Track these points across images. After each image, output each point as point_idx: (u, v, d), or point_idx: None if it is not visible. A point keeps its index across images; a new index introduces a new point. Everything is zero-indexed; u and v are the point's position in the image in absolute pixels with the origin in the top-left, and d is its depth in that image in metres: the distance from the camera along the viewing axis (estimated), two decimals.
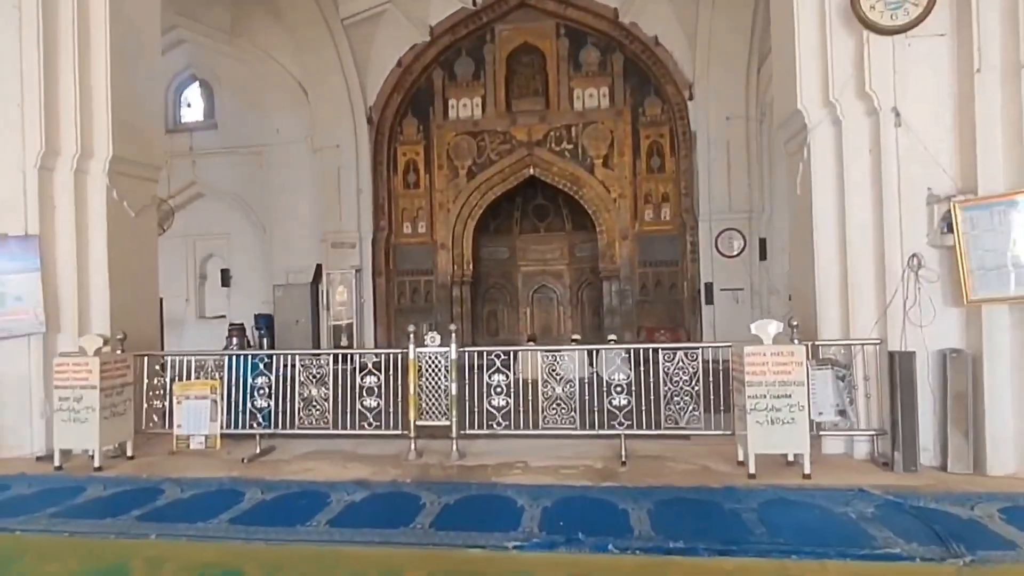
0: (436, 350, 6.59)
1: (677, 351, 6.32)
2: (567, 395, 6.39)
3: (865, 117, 6.06)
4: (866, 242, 6.06)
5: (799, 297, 7.06)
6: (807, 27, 6.27)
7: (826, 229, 6.30)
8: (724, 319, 13.38)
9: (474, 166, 14.65)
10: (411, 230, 14.93)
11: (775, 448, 5.64)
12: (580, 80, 14.38)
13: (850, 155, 6.12)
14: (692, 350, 6.33)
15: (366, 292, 14.59)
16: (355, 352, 6.94)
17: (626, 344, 6.75)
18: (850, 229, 6.13)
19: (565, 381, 6.42)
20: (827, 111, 6.26)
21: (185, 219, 16.16)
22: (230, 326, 14.94)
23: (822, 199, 6.33)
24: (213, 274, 16.29)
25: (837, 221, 6.24)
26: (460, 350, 6.60)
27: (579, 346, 7.58)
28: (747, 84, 13.28)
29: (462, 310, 14.92)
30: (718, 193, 13.41)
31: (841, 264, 6.22)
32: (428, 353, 6.60)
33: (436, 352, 6.60)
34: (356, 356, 6.85)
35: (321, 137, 14.50)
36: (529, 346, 11.48)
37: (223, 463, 6.48)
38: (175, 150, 15.71)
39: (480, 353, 6.70)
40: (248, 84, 15.33)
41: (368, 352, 6.77)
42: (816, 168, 6.36)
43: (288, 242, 15.14)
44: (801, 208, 6.68)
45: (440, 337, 6.61)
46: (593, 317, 15.65)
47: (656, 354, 6.32)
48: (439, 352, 6.59)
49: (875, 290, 6.02)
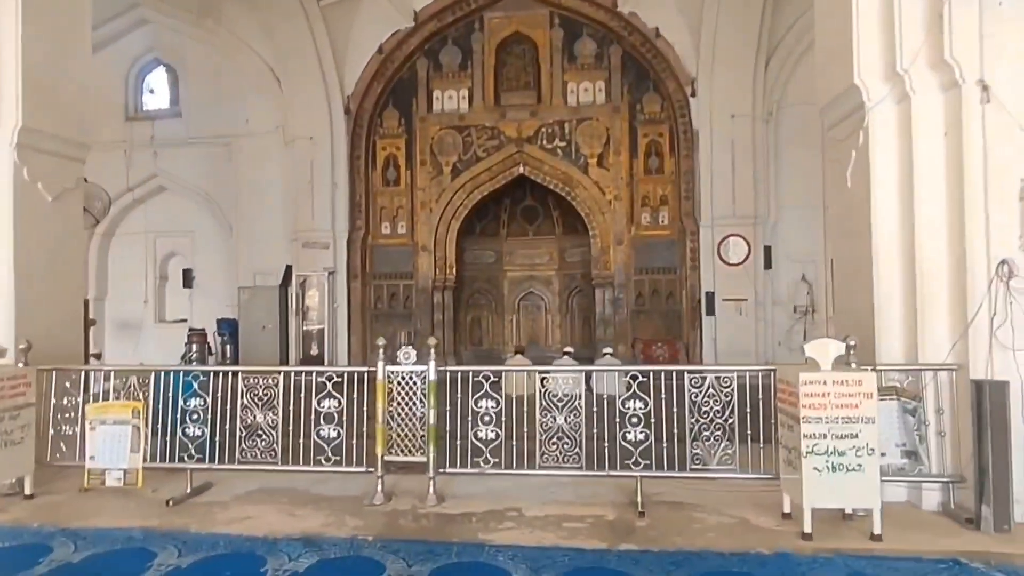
0: (411, 368, 5.30)
1: (707, 375, 5.07)
2: (571, 427, 5.12)
3: (941, 92, 4.88)
4: (940, 245, 4.87)
5: (846, 312, 5.83)
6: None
7: (887, 229, 5.10)
8: (726, 332, 12.19)
9: (459, 163, 13.36)
10: (390, 230, 13.59)
11: (837, 501, 4.40)
12: (574, 73, 13.16)
13: (921, 138, 4.93)
14: (725, 374, 5.08)
15: (340, 296, 13.22)
16: (311, 370, 5.60)
17: (642, 367, 5.45)
18: (920, 229, 4.93)
19: (568, 409, 5.15)
20: (891, 86, 5.07)
21: (145, 214, 14.80)
22: (190, 331, 13.53)
23: (883, 193, 5.13)
24: (175, 274, 14.81)
25: (902, 219, 5.04)
26: (440, 369, 5.31)
27: (584, 366, 6.31)
28: (754, 80, 12.13)
29: (444, 317, 13.60)
30: (721, 196, 12.23)
31: (907, 272, 5.02)
32: (401, 372, 5.30)
33: (411, 371, 5.30)
34: (313, 375, 5.52)
35: (294, 128, 13.13)
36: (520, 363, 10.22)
37: (143, 506, 5.13)
38: (136, 139, 14.29)
39: (465, 374, 5.40)
40: (216, 70, 13.91)
41: (327, 370, 5.42)
42: (876, 155, 5.16)
43: (256, 241, 13.73)
44: (853, 204, 5.47)
45: (415, 353, 5.31)
46: (584, 327, 14.40)
47: (681, 379, 5.06)
48: (414, 371, 5.29)
49: (952, 304, 4.82)
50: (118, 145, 14.17)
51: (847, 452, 4.28)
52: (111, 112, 14.23)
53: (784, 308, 12.74)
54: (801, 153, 12.65)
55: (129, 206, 14.61)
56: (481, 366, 5.41)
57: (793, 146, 12.68)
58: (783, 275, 12.73)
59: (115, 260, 14.88)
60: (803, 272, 12.76)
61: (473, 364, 14.18)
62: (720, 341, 12.24)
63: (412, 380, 5.28)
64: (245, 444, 5.39)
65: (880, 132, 5.13)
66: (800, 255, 12.69)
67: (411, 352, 5.28)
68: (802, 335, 12.49)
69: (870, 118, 5.15)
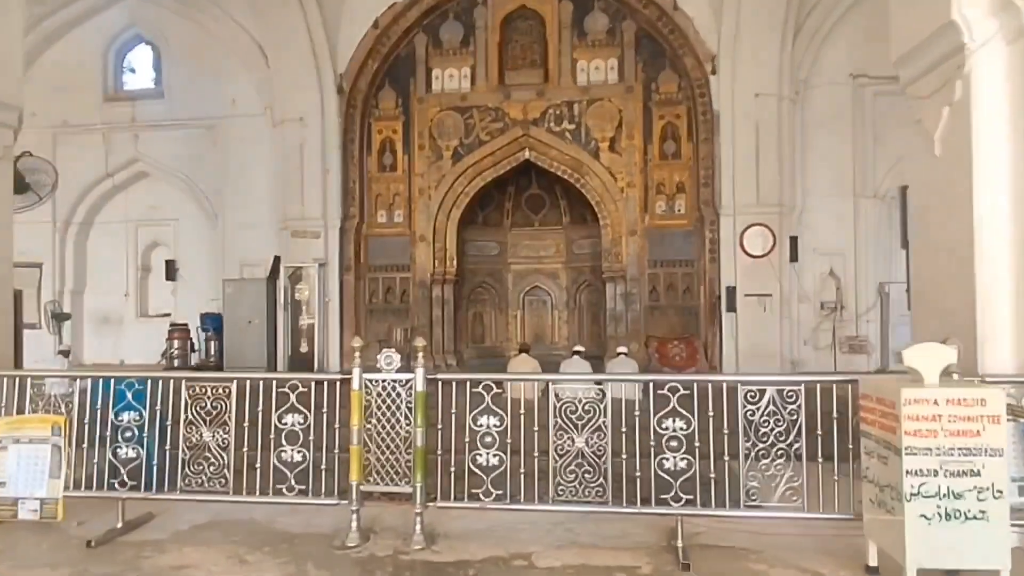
0: (394, 377, 4.19)
1: (766, 388, 3.96)
2: (593, 450, 4.02)
3: None
4: None
5: (933, 312, 4.67)
6: None
7: (996, 204, 3.99)
8: (748, 330, 11.05)
9: (460, 147, 12.24)
10: (386, 219, 12.48)
11: (951, 560, 3.26)
12: (585, 50, 12.02)
13: None
14: (791, 386, 3.96)
15: (331, 290, 12.10)
16: (271, 377, 4.50)
17: (684, 376, 4.30)
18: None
19: (590, 429, 4.05)
20: (1002, 20, 3.95)
21: (126, 202, 13.70)
22: (171, 327, 12.47)
23: (988, 160, 4.01)
24: (157, 266, 13.73)
25: (1016, 192, 3.93)
26: (431, 377, 4.20)
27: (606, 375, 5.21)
28: (781, 56, 10.98)
29: (443, 313, 12.48)
30: (744, 183, 11.08)
31: (1020, 261, 3.91)
32: (382, 381, 4.20)
33: (394, 380, 4.19)
34: (273, 383, 4.41)
35: (282, 109, 12.00)
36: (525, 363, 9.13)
37: (59, 547, 4.04)
38: (115, 121, 13.18)
39: (462, 383, 4.29)
40: (201, 47, 12.79)
41: (291, 378, 4.31)
42: (979, 112, 4.05)
43: (243, 231, 12.62)
44: (944, 177, 4.36)
45: (399, 358, 4.20)
46: (593, 324, 13.28)
47: (734, 394, 3.95)
48: (398, 380, 4.19)
49: None
50: (96, 128, 13.09)
51: (965, 495, 3.17)
52: (88, 92, 13.15)
53: (810, 305, 11.62)
54: (830, 137, 11.56)
55: (108, 193, 13.53)
56: (481, 374, 4.29)
57: (821, 129, 11.57)
58: (808, 269, 11.60)
59: (94, 251, 13.79)
60: (830, 265, 11.65)
61: (475, 363, 13.14)
62: (742, 340, 11.11)
63: (396, 391, 4.18)
64: (190, 469, 4.29)
65: (985, 82, 4.01)
66: (828, 247, 11.57)
67: (394, 356, 4.17)
68: (831, 334, 11.39)
69: (972, 64, 4.03)
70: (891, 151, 11.54)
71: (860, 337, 11.52)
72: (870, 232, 11.60)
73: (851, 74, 11.48)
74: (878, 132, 11.53)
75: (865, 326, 11.57)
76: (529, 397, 4.83)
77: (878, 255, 11.68)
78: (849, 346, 11.47)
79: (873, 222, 11.62)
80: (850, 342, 11.49)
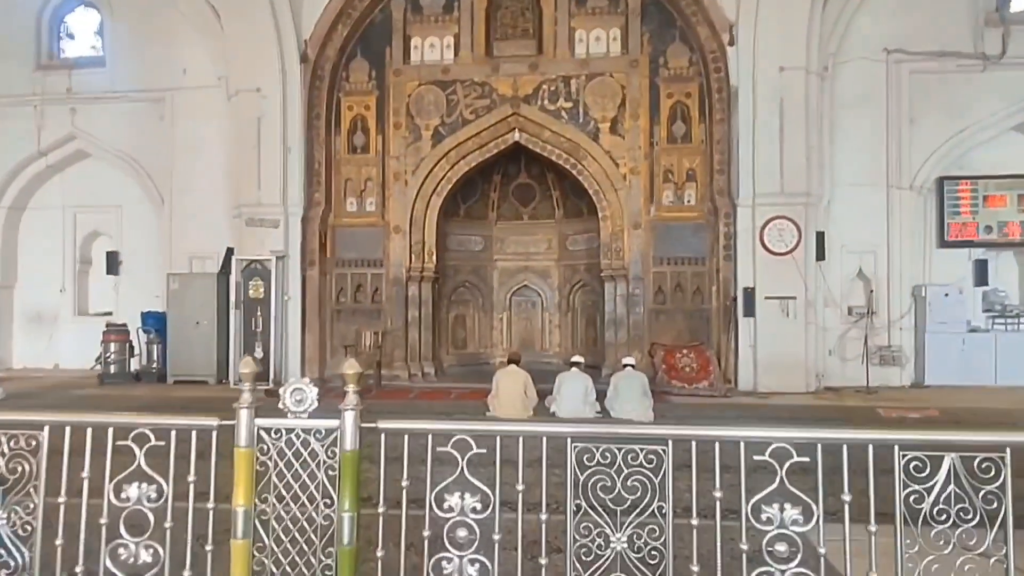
0: (307, 425, 2.43)
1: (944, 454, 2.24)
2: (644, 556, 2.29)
3: None
4: None
5: None
6: None
7: None
8: (768, 337, 9.41)
9: (442, 127, 10.51)
10: (356, 207, 10.70)
11: None
12: (584, 18, 10.34)
13: None
14: (989, 451, 2.25)
15: (292, 287, 10.30)
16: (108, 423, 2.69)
17: (802, 432, 2.50)
18: None
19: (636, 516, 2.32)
20: None
21: (63, 185, 11.84)
22: (107, 327, 10.61)
23: None
24: (98, 258, 11.86)
25: None
26: (367, 425, 2.44)
27: (671, 430, 3.51)
28: (809, 25, 9.35)
29: (420, 314, 10.71)
30: (765, 169, 9.45)
31: None
32: (288, 433, 2.44)
33: (306, 431, 2.43)
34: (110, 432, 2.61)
35: (238, 78, 10.19)
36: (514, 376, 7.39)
37: None
38: (49, 92, 11.32)
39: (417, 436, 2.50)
40: (149, 7, 10.99)
41: (137, 423, 2.53)
42: None
43: (193, 218, 10.82)
44: None
45: (315, 393, 2.43)
46: (588, 328, 11.59)
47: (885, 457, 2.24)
48: (313, 431, 2.43)
49: None
50: (27, 100, 11.22)
51: None
52: (18, 59, 11.31)
53: (836, 309, 10.01)
54: (860, 120, 10.01)
55: (42, 174, 11.68)
56: (455, 423, 2.48)
57: (850, 111, 10.01)
58: (835, 269, 10.02)
59: (26, 240, 11.95)
60: (859, 265, 10.06)
61: (455, 371, 11.39)
62: (760, 349, 9.48)
63: (310, 449, 2.42)
64: None
65: None
66: (857, 244, 10.00)
67: (307, 392, 2.40)
68: (860, 343, 9.78)
69: None
70: (929, 137, 10.02)
71: (893, 347, 9.92)
72: (904, 228, 10.02)
73: (885, 49, 9.92)
74: (915, 115, 9.98)
75: (898, 334, 9.98)
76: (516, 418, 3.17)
77: (914, 254, 10.11)
78: (880, 357, 9.86)
79: (908, 217, 10.05)
80: (881, 352, 9.88)
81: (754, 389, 9.37)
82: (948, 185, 10.21)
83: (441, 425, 2.47)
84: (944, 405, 8.25)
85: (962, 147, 10.11)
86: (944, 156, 10.08)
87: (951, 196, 10.22)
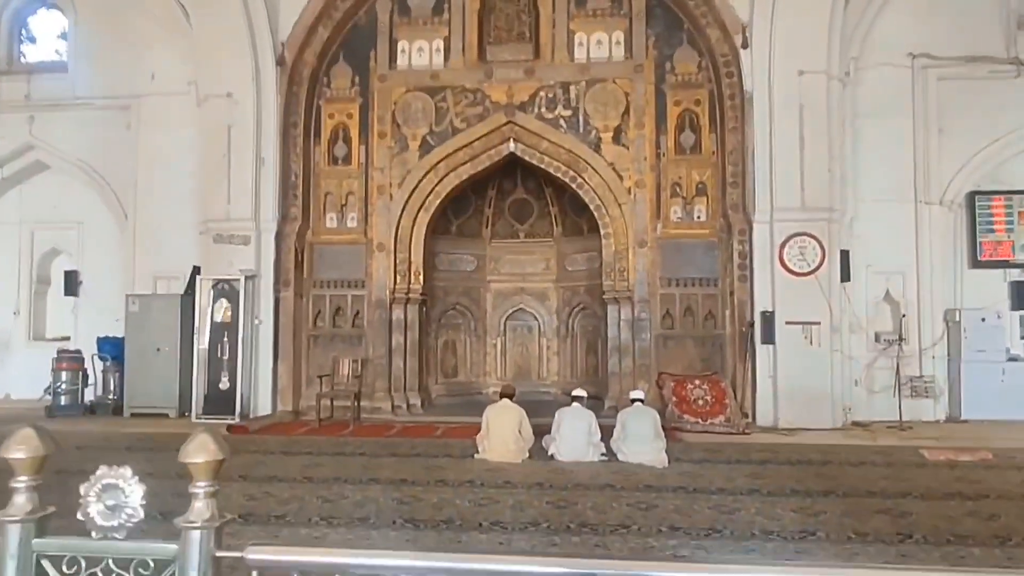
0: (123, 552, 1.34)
1: None
2: None
3: None
4: None
5: None
6: None
7: None
8: (790, 367, 8.32)
9: (430, 136, 9.51)
10: (336, 223, 9.64)
11: None
12: (584, 21, 9.41)
13: None
14: None
15: (264, 310, 9.19)
16: None
17: None
18: None
19: None
20: None
21: (20, 198, 10.77)
22: (59, 354, 9.46)
23: None
24: (57, 278, 10.76)
25: None
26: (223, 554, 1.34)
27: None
28: (831, 25, 8.44)
29: (405, 340, 9.59)
30: (785, 182, 8.44)
31: None
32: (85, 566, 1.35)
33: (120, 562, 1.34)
34: None
35: (208, 82, 9.20)
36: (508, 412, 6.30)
37: None
38: (5, 99, 10.31)
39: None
40: (115, 11, 10.04)
41: None
42: None
43: (158, 235, 9.76)
44: None
45: (140, 494, 1.35)
46: (589, 356, 10.48)
47: None
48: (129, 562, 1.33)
49: None
50: None
51: None
52: None
53: (862, 335, 8.96)
54: (884, 130, 9.04)
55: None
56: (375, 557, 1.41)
57: (874, 120, 9.04)
58: (860, 291, 8.98)
59: None
60: (887, 288, 9.03)
61: (444, 402, 10.26)
62: (781, 379, 8.39)
63: None
64: None
65: None
66: (884, 265, 8.97)
67: (127, 491, 1.33)
68: (889, 373, 8.70)
69: None
70: (959, 148, 9.05)
71: (926, 377, 8.84)
72: (935, 247, 9.00)
73: (910, 53, 9.00)
74: (944, 124, 9.01)
75: (930, 363, 8.90)
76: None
77: (945, 275, 9.09)
78: (912, 388, 8.78)
79: (938, 234, 9.04)
80: (913, 384, 8.80)
81: (774, 424, 8.27)
82: (980, 200, 9.23)
83: (352, 560, 1.37)
84: (992, 445, 7.16)
85: (995, 159, 9.15)
86: (976, 169, 9.11)
87: (983, 212, 9.25)
